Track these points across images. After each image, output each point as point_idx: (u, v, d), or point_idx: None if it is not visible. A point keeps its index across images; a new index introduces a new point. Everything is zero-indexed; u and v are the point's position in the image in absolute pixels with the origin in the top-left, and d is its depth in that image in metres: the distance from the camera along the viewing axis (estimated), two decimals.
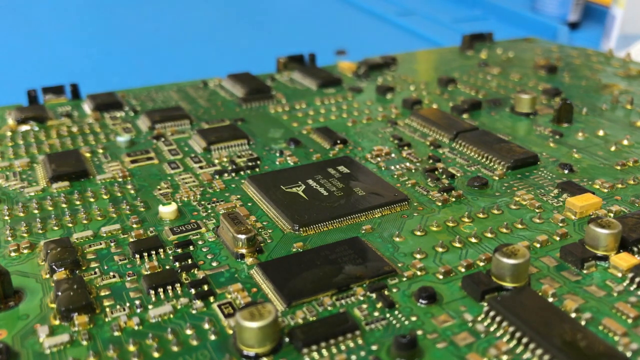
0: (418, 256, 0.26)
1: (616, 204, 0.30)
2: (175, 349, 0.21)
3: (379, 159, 0.36)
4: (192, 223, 0.29)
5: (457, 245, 0.27)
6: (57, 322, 0.23)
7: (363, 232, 0.28)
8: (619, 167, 0.34)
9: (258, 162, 0.36)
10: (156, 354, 0.21)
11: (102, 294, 0.24)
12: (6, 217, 0.30)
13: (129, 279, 0.25)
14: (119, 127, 0.42)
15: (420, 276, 0.25)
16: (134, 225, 0.29)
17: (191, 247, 0.27)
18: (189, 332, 0.22)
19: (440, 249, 0.27)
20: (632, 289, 0.24)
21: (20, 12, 0.99)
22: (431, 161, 0.35)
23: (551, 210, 0.30)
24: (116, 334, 0.22)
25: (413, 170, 0.35)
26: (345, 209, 0.30)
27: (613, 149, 0.37)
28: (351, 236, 0.28)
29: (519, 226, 0.28)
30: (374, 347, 0.21)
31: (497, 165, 0.35)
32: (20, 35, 0.85)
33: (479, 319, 0.22)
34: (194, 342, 0.22)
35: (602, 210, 0.29)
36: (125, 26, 0.91)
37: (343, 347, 0.21)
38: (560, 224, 0.29)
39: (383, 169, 0.35)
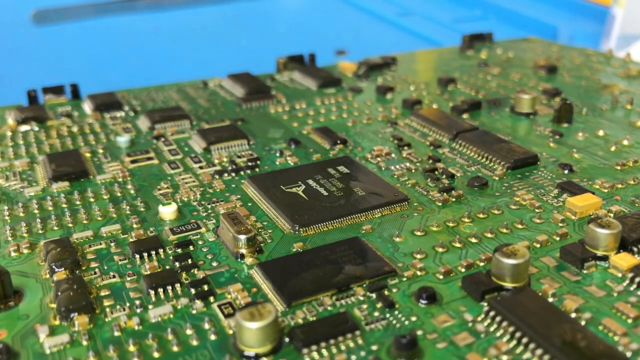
0: (418, 256, 0.26)
1: (616, 204, 0.30)
2: (175, 349, 0.21)
3: (379, 159, 0.36)
4: (192, 223, 0.29)
5: (457, 245, 0.27)
6: (57, 322, 0.23)
7: (363, 232, 0.28)
8: (619, 167, 0.34)
9: (258, 162, 0.36)
10: (156, 354, 0.21)
11: (102, 294, 0.24)
12: (6, 217, 0.30)
13: (129, 279, 0.25)
14: (119, 127, 0.42)
15: (420, 276, 0.25)
16: (134, 225, 0.29)
17: (191, 247, 0.27)
18: (189, 332, 0.22)
19: (440, 249, 0.27)
20: (632, 289, 0.24)
21: (21, 11, 0.99)
22: (431, 161, 0.35)
23: (551, 210, 0.30)
24: (116, 334, 0.22)
25: (413, 170, 0.35)
26: (345, 209, 0.30)
27: (613, 149, 0.37)
28: (351, 236, 0.28)
29: (519, 226, 0.28)
30: (374, 347, 0.21)
31: (497, 165, 0.35)
32: (20, 35, 0.85)
33: (479, 319, 0.22)
34: (194, 342, 0.22)
35: (602, 210, 0.29)
36: (126, 26, 0.91)
37: (343, 347, 0.21)
38: (560, 224, 0.29)
39: (383, 169, 0.35)
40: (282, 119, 0.43)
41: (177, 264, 0.26)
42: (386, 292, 0.24)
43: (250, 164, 0.36)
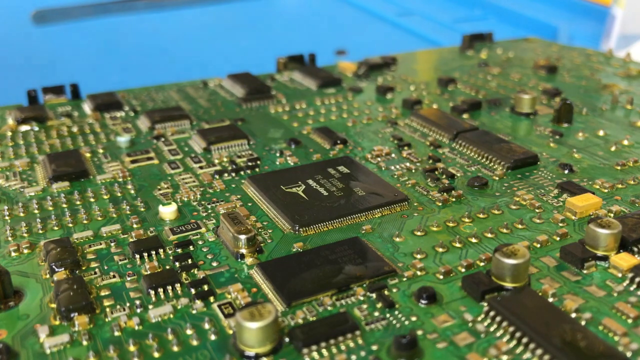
0: (418, 256, 0.26)
1: (616, 204, 0.30)
2: (175, 349, 0.21)
3: (379, 159, 0.36)
4: (192, 223, 0.29)
5: (457, 245, 0.27)
6: (57, 322, 0.23)
7: (363, 232, 0.28)
8: (619, 167, 0.34)
9: (258, 162, 0.36)
10: (156, 354, 0.21)
11: (102, 294, 0.24)
12: (6, 217, 0.30)
13: (129, 279, 0.25)
14: (119, 127, 0.42)
15: (420, 276, 0.25)
16: (134, 225, 0.29)
17: (191, 247, 0.27)
18: (189, 332, 0.22)
19: (440, 249, 0.27)
20: (632, 289, 0.24)
21: (20, 11, 0.99)
22: (431, 161, 0.35)
23: (551, 210, 0.30)
24: (116, 334, 0.22)
25: (413, 170, 0.35)
26: (345, 209, 0.30)
27: (613, 149, 0.37)
28: (351, 236, 0.28)
29: (519, 226, 0.28)
30: (374, 347, 0.21)
31: (497, 165, 0.35)
32: (20, 35, 0.85)
33: (479, 319, 0.22)
34: (194, 342, 0.22)
35: (602, 210, 0.29)
36: (126, 26, 0.91)
37: (343, 347, 0.21)
38: (560, 224, 0.29)
39: (383, 169, 0.35)
40: (282, 119, 0.43)
41: (177, 264, 0.26)
42: (386, 292, 0.24)
43: (250, 164, 0.36)
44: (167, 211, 0.30)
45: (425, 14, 0.93)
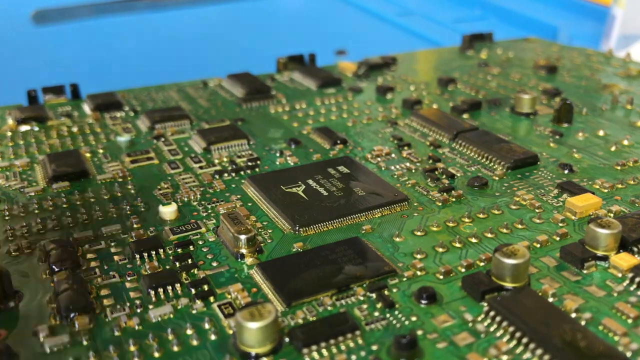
0: (418, 256, 0.26)
1: (616, 204, 0.30)
2: (175, 349, 0.21)
3: (379, 159, 0.36)
4: (192, 223, 0.29)
5: (457, 245, 0.27)
6: (57, 322, 0.23)
7: (363, 232, 0.28)
8: (619, 167, 0.34)
9: (258, 162, 0.36)
10: (156, 354, 0.21)
11: (102, 294, 0.24)
12: (6, 217, 0.30)
13: (129, 279, 0.25)
14: (119, 127, 0.42)
15: (420, 276, 0.25)
16: (134, 225, 0.29)
17: (191, 247, 0.27)
18: (189, 332, 0.22)
19: (440, 249, 0.27)
20: (632, 289, 0.24)
21: (20, 11, 0.99)
22: (431, 161, 0.35)
23: (551, 210, 0.30)
24: (116, 334, 0.22)
25: (413, 170, 0.35)
26: (345, 209, 0.30)
27: (613, 149, 0.37)
28: (351, 236, 0.28)
29: (519, 226, 0.28)
30: (374, 347, 0.21)
31: (497, 165, 0.35)
32: (20, 35, 0.85)
33: (479, 319, 0.22)
34: (194, 342, 0.22)
35: (602, 210, 0.29)
36: (126, 26, 0.91)
37: (343, 347, 0.21)
38: (560, 224, 0.29)
39: (383, 169, 0.35)
40: (282, 119, 0.43)
41: (177, 264, 0.26)
42: (386, 292, 0.24)
43: (250, 164, 0.36)
44: (167, 211, 0.30)
45: (425, 14, 0.93)
